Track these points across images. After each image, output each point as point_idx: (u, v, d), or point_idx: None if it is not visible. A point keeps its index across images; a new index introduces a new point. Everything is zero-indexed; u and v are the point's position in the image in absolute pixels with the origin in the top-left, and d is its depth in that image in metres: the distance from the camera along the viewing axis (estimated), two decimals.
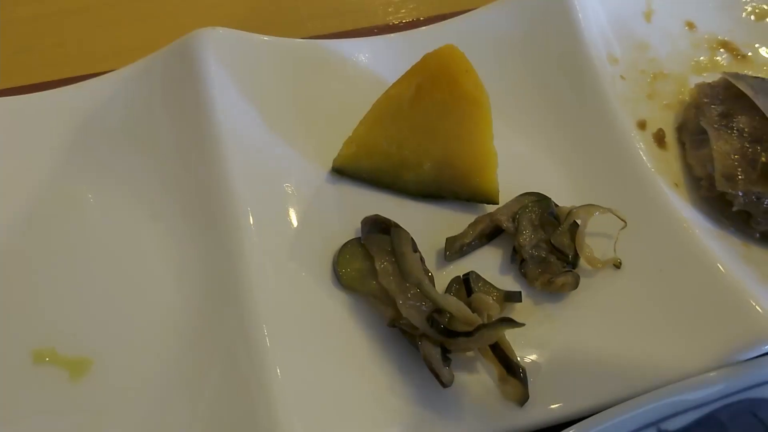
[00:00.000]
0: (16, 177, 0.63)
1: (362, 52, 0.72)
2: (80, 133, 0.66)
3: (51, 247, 0.61)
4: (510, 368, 0.55)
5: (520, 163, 0.68)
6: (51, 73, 0.74)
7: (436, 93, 0.61)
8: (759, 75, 0.72)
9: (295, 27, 0.80)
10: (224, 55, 0.66)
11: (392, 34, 0.73)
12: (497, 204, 0.65)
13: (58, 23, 0.80)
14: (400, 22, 0.81)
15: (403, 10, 0.82)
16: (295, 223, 0.62)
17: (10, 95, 0.68)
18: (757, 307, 0.55)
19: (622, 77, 0.72)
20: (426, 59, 0.61)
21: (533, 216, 0.63)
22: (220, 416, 0.53)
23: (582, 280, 0.61)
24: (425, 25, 0.74)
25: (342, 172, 0.65)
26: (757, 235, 0.64)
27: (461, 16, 0.73)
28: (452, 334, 0.55)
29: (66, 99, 0.67)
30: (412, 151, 0.64)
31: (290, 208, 0.62)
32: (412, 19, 0.81)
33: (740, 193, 0.62)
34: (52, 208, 0.63)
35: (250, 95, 0.66)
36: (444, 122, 0.62)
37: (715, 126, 0.66)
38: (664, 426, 0.51)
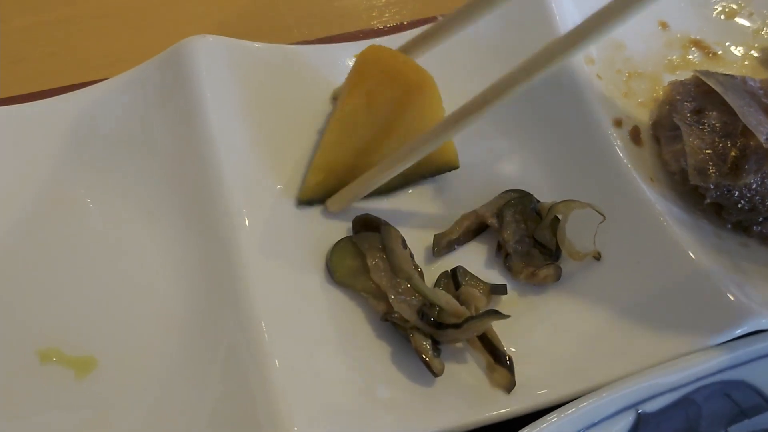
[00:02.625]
0: (16, 184, 0.64)
1: (348, 55, 0.73)
2: (77, 141, 0.67)
3: (53, 252, 0.62)
4: (497, 357, 0.57)
5: (502, 161, 0.70)
6: (46, 82, 0.75)
7: (386, 92, 0.62)
8: (729, 72, 0.73)
9: (282, 33, 0.82)
10: (215, 62, 0.67)
11: (377, 38, 0.74)
12: (457, 167, 0.67)
13: (52, 33, 0.81)
14: (384, 27, 0.83)
15: (387, 15, 0.84)
16: (289, 222, 0.63)
17: (6, 105, 0.69)
18: (728, 294, 0.57)
19: (598, 77, 0.73)
20: (363, 65, 0.63)
21: (516, 212, 0.65)
22: (223, 409, 0.54)
23: (564, 272, 0.63)
24: (408, 29, 0.75)
25: (311, 202, 0.65)
26: (729, 225, 0.66)
27: (442, 20, 0.74)
28: (442, 326, 0.57)
29: (62, 107, 0.68)
30: (376, 154, 0.64)
31: (284, 208, 0.64)
32: (396, 24, 0.83)
33: (712, 186, 0.64)
34: (52, 214, 0.64)
35: (242, 100, 0.67)
36: (399, 115, 0.63)
37: (688, 122, 0.67)
38: (643, 408, 0.52)
